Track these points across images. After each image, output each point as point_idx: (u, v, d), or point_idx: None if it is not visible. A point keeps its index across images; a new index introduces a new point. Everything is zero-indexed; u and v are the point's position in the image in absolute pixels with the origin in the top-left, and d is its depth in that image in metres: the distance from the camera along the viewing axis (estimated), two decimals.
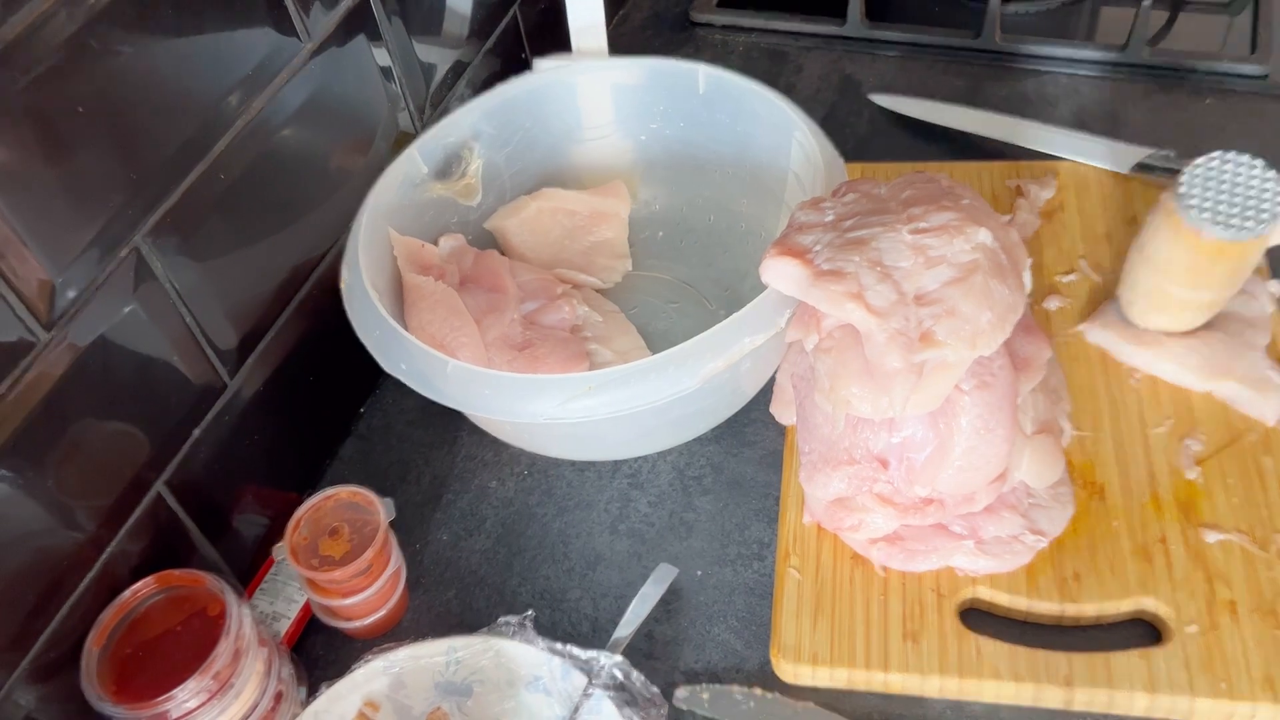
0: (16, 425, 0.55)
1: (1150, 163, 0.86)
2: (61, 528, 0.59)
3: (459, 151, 0.84)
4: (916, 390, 0.60)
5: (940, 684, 0.63)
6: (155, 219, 0.62)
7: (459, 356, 0.72)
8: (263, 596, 0.72)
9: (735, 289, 0.86)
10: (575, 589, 0.73)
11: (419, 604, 0.73)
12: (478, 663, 0.66)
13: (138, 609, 0.61)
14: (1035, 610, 0.66)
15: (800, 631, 0.66)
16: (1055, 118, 0.99)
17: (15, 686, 0.57)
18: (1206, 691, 0.61)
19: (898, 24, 1.09)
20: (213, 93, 0.65)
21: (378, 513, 0.68)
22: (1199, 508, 0.68)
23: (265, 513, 0.76)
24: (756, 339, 0.65)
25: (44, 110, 0.54)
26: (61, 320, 0.57)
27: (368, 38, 0.79)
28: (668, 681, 0.67)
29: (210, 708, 0.58)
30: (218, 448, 0.70)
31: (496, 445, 0.81)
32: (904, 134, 1.01)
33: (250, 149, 0.69)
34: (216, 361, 0.69)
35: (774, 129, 0.81)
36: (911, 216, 0.64)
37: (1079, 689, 0.62)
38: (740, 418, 0.79)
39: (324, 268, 0.78)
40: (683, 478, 0.78)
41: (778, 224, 0.84)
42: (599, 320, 0.83)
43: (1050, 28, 1.09)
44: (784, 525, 0.71)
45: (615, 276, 0.89)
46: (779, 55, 1.11)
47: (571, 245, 0.88)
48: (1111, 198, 0.87)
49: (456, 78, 0.92)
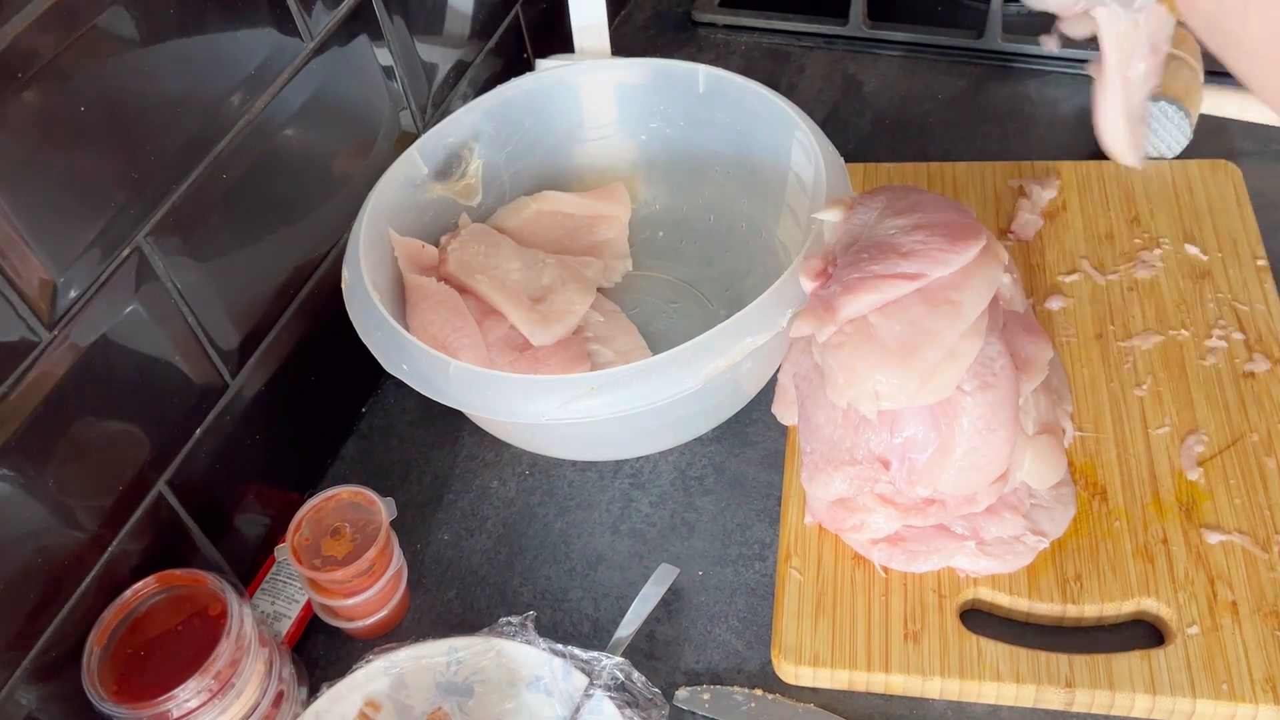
0: (18, 425, 0.55)
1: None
2: (63, 527, 0.59)
3: (459, 152, 0.84)
4: (933, 376, 0.60)
5: (941, 685, 0.63)
6: (157, 219, 0.62)
7: (460, 357, 0.72)
8: (264, 596, 0.72)
9: (735, 288, 0.86)
10: (576, 589, 0.73)
11: (420, 604, 0.73)
12: (479, 663, 0.66)
13: (139, 609, 0.61)
14: (1036, 611, 0.66)
15: (801, 632, 0.66)
16: (1057, 118, 0.99)
17: (17, 686, 0.57)
18: (1208, 693, 0.60)
19: (900, 24, 1.09)
20: (214, 92, 0.65)
21: (379, 513, 0.68)
22: (1201, 509, 0.68)
23: (266, 512, 0.76)
24: (758, 338, 0.65)
25: (46, 110, 0.54)
26: (63, 320, 0.57)
27: (369, 37, 0.79)
28: (669, 682, 0.67)
29: (211, 707, 0.58)
30: (219, 447, 0.70)
31: (498, 445, 0.81)
32: (905, 134, 1.00)
33: (252, 149, 0.69)
34: (218, 361, 0.69)
35: (774, 129, 0.80)
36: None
37: (1080, 690, 0.62)
38: (742, 418, 0.79)
39: (326, 267, 0.78)
40: (684, 478, 0.78)
41: (778, 224, 0.84)
42: (600, 320, 0.83)
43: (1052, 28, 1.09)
44: (785, 526, 0.71)
45: (616, 277, 0.89)
46: (781, 55, 1.11)
47: (571, 245, 0.88)
48: (1114, 196, 0.87)
49: (459, 77, 0.92)
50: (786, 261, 0.81)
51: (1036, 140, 0.97)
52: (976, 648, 0.64)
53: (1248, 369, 0.75)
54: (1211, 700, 0.60)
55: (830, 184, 0.72)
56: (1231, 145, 0.94)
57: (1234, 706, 0.60)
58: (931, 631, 0.65)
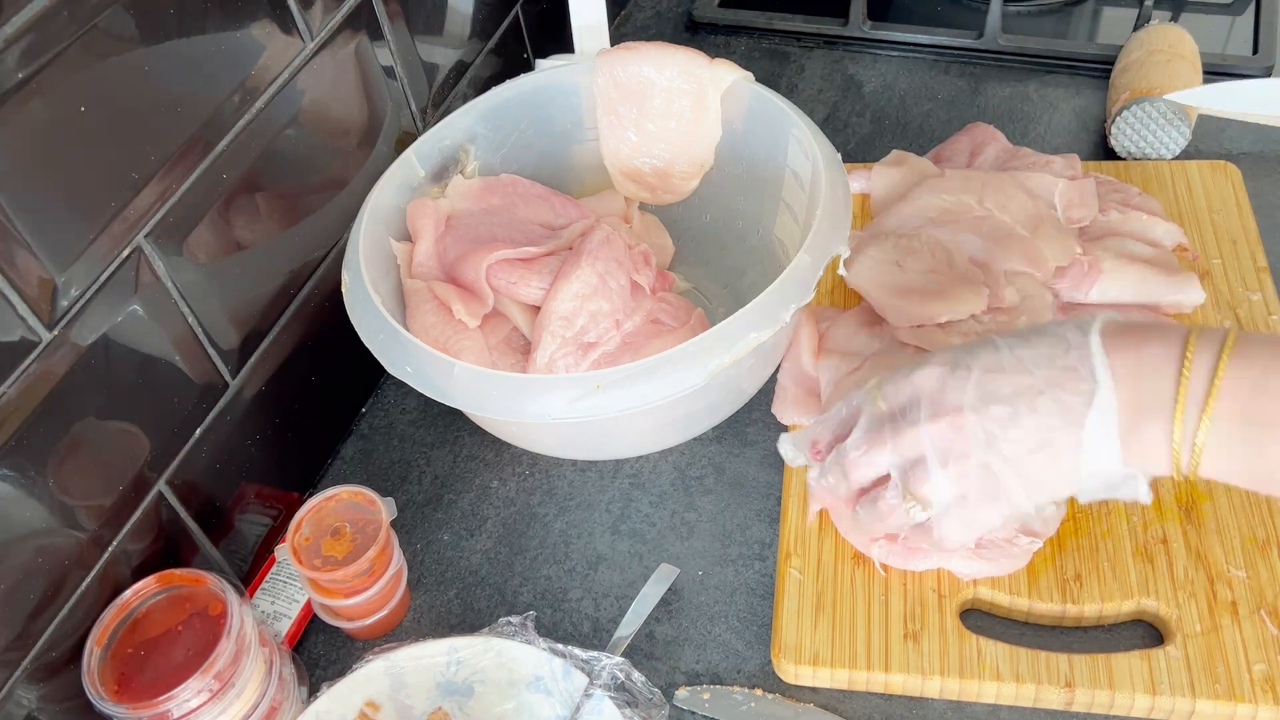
0: (18, 425, 0.55)
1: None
2: (63, 527, 0.59)
3: (455, 154, 0.83)
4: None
5: (941, 684, 0.63)
6: (157, 219, 0.62)
7: (463, 359, 0.72)
8: (264, 596, 0.72)
9: (734, 286, 0.86)
10: (576, 589, 0.73)
11: (420, 604, 0.73)
12: (479, 663, 0.66)
13: (139, 608, 0.61)
14: (1036, 611, 0.66)
15: (801, 631, 0.66)
16: (1056, 118, 0.99)
17: (17, 686, 0.57)
18: (1208, 693, 0.60)
19: (900, 24, 1.09)
20: (214, 92, 0.65)
21: (379, 513, 0.68)
22: (1201, 509, 0.68)
23: (267, 512, 0.76)
24: (762, 334, 0.65)
25: (46, 109, 0.54)
26: (63, 320, 0.57)
27: (370, 37, 0.79)
28: (669, 682, 0.67)
29: (211, 707, 0.58)
30: (219, 447, 0.70)
31: (498, 445, 0.81)
32: (905, 134, 1.01)
33: (252, 149, 0.69)
34: (218, 361, 0.69)
35: (771, 127, 0.80)
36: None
37: (1080, 690, 0.62)
38: (742, 417, 0.79)
39: (326, 267, 0.78)
40: (684, 478, 0.78)
41: (775, 222, 0.84)
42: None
43: (1051, 28, 1.09)
44: (785, 525, 0.71)
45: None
46: (781, 55, 1.11)
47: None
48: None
49: (459, 78, 0.92)
50: (784, 259, 0.81)
51: (1036, 140, 0.97)
52: (976, 647, 0.64)
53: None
54: (1211, 700, 0.60)
55: (829, 183, 0.72)
56: (1231, 145, 0.94)
57: (1234, 706, 0.60)
58: (931, 631, 0.65)
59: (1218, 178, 0.87)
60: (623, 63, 0.83)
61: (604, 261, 0.75)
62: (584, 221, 0.84)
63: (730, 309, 0.66)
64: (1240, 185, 0.87)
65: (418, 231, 0.79)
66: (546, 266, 0.77)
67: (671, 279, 0.83)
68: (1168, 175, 0.88)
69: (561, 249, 0.80)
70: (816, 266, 0.68)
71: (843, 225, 0.71)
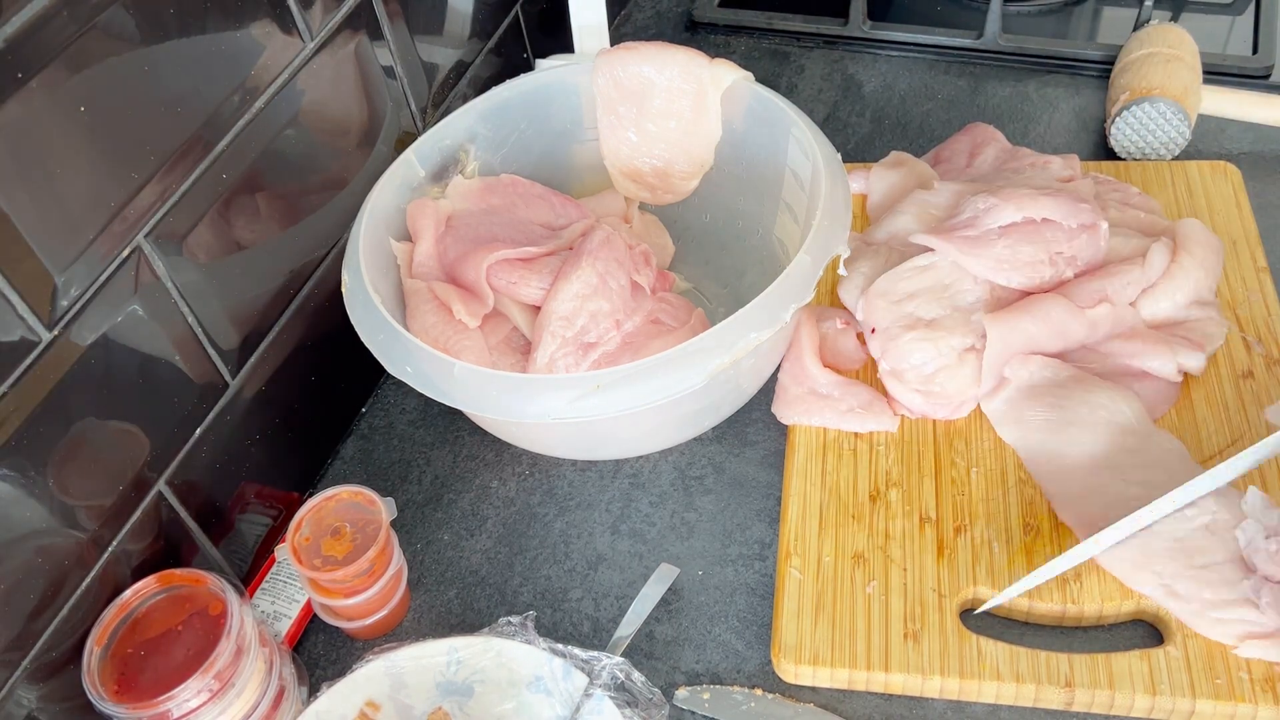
0: (18, 425, 0.55)
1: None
2: (63, 527, 0.59)
3: (455, 154, 0.84)
4: None
5: (941, 684, 0.63)
6: (157, 219, 0.62)
7: (463, 359, 0.72)
8: (264, 596, 0.72)
9: (734, 286, 0.86)
10: (576, 589, 0.73)
11: (420, 604, 0.73)
12: (479, 663, 0.66)
13: (139, 608, 0.61)
14: (1036, 611, 0.66)
15: (801, 631, 0.66)
16: (1057, 118, 0.99)
17: (17, 685, 0.57)
18: (1208, 693, 0.61)
19: (900, 24, 1.09)
20: (214, 92, 0.65)
21: (379, 513, 0.68)
22: None
23: (267, 512, 0.76)
24: (762, 334, 0.65)
25: (46, 109, 0.54)
26: (63, 319, 0.57)
27: (370, 37, 0.79)
28: (668, 682, 0.67)
29: (211, 707, 0.58)
30: (219, 447, 0.70)
31: (498, 445, 0.81)
32: (905, 134, 1.01)
33: (252, 149, 0.69)
34: (218, 361, 0.69)
35: (771, 127, 0.81)
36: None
37: (1079, 690, 0.62)
38: (741, 417, 0.79)
39: (326, 267, 0.78)
40: (684, 478, 0.78)
41: (775, 222, 0.84)
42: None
43: (1051, 28, 1.09)
44: (785, 525, 0.71)
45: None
46: (781, 55, 1.11)
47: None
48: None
49: (459, 78, 0.92)
50: (784, 259, 0.81)
51: (1036, 140, 0.97)
52: (976, 647, 0.64)
53: (1247, 369, 0.75)
54: (1211, 700, 0.60)
55: (829, 182, 0.72)
56: (1231, 145, 0.94)
57: (1234, 706, 0.60)
58: (931, 631, 0.65)
59: (1217, 178, 0.87)
60: (623, 63, 0.83)
61: (604, 261, 0.75)
62: (584, 221, 0.84)
63: (730, 309, 0.66)
64: (1240, 185, 0.87)
65: (418, 231, 0.79)
66: (547, 266, 0.77)
67: (671, 279, 0.83)
68: (1167, 175, 0.88)
69: (562, 249, 0.80)
70: (816, 266, 0.68)
71: (843, 225, 0.71)
